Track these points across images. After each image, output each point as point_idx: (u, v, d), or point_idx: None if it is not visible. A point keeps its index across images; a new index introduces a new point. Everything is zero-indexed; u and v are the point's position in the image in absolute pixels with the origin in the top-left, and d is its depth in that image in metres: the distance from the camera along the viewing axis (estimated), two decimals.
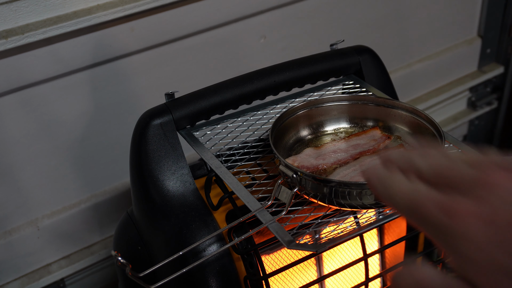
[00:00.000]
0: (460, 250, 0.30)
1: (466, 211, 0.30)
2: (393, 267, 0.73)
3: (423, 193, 0.32)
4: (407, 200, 0.33)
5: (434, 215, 0.31)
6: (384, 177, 0.35)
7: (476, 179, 0.31)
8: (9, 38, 0.82)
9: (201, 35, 1.03)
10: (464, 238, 0.30)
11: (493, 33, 1.52)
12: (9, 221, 0.99)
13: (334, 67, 0.83)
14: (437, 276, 0.31)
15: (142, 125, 0.72)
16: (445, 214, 0.31)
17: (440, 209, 0.31)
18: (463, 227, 0.30)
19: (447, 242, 0.31)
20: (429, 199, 0.32)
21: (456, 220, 0.30)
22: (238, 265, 0.68)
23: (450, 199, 0.31)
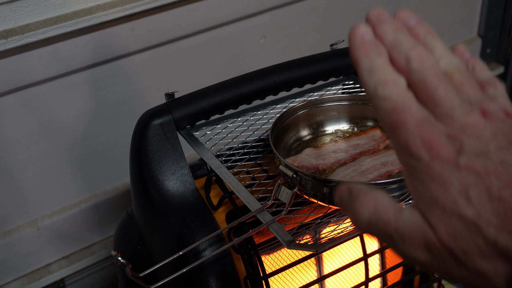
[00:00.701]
0: (424, 180, 0.31)
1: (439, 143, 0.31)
2: (393, 267, 0.73)
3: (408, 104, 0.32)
4: (390, 105, 0.32)
5: (410, 132, 0.32)
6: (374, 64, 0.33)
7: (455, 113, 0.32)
8: (9, 38, 0.82)
9: (201, 35, 1.03)
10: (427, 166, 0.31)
11: (493, 33, 1.52)
12: (9, 221, 0.99)
13: (334, 67, 0.83)
14: (397, 210, 0.33)
15: (142, 125, 0.72)
16: (420, 138, 0.31)
17: (417, 129, 0.31)
18: (430, 156, 0.31)
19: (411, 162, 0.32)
20: (412, 114, 0.32)
21: (427, 148, 0.31)
22: (238, 265, 0.68)
23: (429, 124, 0.31)
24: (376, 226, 0.33)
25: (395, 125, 0.32)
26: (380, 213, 0.33)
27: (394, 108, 0.32)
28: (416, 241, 0.32)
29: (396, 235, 0.32)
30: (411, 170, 0.32)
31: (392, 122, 0.32)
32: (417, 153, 0.31)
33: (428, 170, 0.31)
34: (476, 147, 0.31)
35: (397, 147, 0.33)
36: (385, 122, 0.33)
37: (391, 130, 0.33)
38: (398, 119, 0.32)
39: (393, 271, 0.86)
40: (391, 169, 0.66)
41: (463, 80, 0.33)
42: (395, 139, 0.32)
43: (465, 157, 0.31)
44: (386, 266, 0.85)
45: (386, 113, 0.32)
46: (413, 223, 0.32)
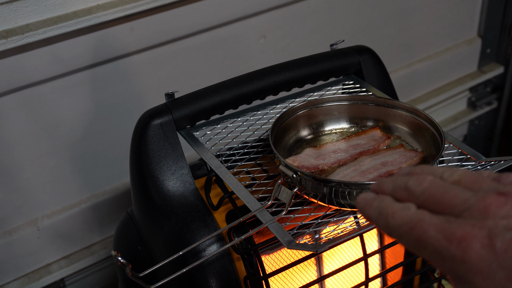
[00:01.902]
0: (465, 277, 0.30)
1: (464, 234, 0.30)
2: (393, 267, 0.73)
3: (422, 218, 0.33)
4: (407, 227, 0.33)
5: (434, 239, 0.31)
6: (380, 207, 0.35)
7: (471, 204, 0.32)
8: (9, 38, 0.82)
9: (201, 35, 1.04)
10: (464, 262, 0.30)
11: (493, 33, 1.52)
12: (9, 221, 0.99)
13: (334, 67, 0.83)
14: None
15: (142, 125, 0.72)
16: (445, 238, 0.31)
17: (439, 233, 0.31)
18: (463, 251, 0.30)
19: (448, 266, 0.31)
20: (428, 223, 0.32)
21: (456, 244, 0.31)
22: (238, 265, 0.68)
23: (448, 223, 0.31)
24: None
25: (419, 241, 0.32)
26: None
27: (411, 227, 0.32)
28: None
29: None
30: (452, 275, 0.31)
31: (415, 240, 0.32)
32: (448, 253, 0.31)
33: (466, 266, 0.30)
34: (505, 225, 0.30)
35: (431, 260, 0.32)
36: (411, 247, 0.33)
37: (418, 249, 0.33)
38: (418, 234, 0.32)
39: (393, 271, 0.86)
40: (391, 169, 0.66)
41: (473, 179, 0.34)
42: (426, 254, 0.32)
43: (498, 239, 0.30)
44: (386, 266, 0.85)
45: (406, 236, 0.33)
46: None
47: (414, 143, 0.72)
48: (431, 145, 0.69)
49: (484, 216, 0.31)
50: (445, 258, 0.31)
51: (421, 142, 0.71)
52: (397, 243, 0.72)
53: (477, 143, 1.69)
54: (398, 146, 0.71)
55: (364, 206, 0.36)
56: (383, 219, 0.34)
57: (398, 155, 0.68)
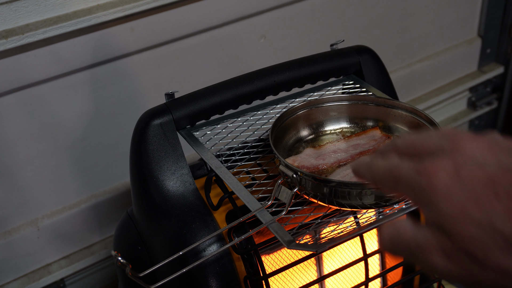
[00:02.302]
0: (431, 202, 0.34)
1: (434, 167, 0.34)
2: (393, 267, 0.73)
3: (398, 162, 0.37)
4: (386, 172, 0.37)
5: (407, 175, 0.35)
6: (367, 162, 0.40)
7: (443, 144, 0.36)
8: (9, 38, 0.82)
9: (201, 35, 1.04)
10: (430, 189, 0.34)
11: (493, 33, 1.52)
12: (9, 221, 0.99)
13: (334, 67, 0.83)
14: (414, 227, 0.36)
15: (142, 125, 0.72)
16: (416, 173, 0.35)
17: (411, 169, 0.35)
18: (431, 181, 0.34)
19: (419, 197, 0.35)
20: (403, 166, 0.36)
21: (425, 176, 0.34)
22: (238, 265, 0.68)
23: (422, 162, 0.35)
24: (398, 244, 0.36)
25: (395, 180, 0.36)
26: (400, 233, 0.36)
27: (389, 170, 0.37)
28: (434, 249, 0.34)
29: (415, 247, 0.35)
30: (421, 203, 0.35)
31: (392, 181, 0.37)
32: (418, 183, 0.34)
33: (432, 192, 0.33)
34: (473, 159, 0.33)
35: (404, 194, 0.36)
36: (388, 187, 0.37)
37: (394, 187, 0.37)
38: (394, 174, 0.36)
39: (393, 271, 0.86)
40: None
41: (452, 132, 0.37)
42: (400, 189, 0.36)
43: (464, 169, 0.33)
44: (386, 266, 0.85)
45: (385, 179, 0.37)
46: (429, 235, 0.34)
47: None
48: None
49: (454, 151, 0.34)
50: (415, 189, 0.35)
51: None
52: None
53: None
54: None
55: (357, 166, 0.41)
56: (369, 171, 0.39)
57: None
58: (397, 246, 0.36)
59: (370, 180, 0.39)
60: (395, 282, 0.82)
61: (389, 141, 0.40)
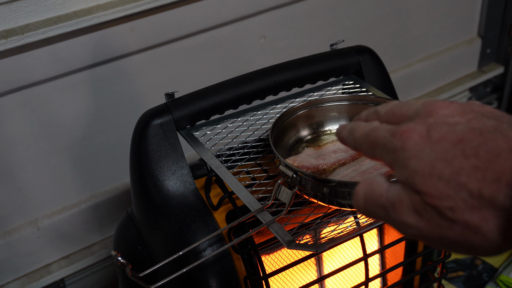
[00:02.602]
0: (402, 161, 0.35)
1: (407, 129, 0.35)
2: (393, 267, 0.73)
3: (376, 126, 0.38)
4: (364, 135, 0.39)
5: (383, 138, 0.37)
6: (350, 127, 0.41)
7: (419, 109, 0.37)
8: (9, 38, 0.82)
9: (201, 35, 1.04)
10: (403, 149, 0.35)
11: (493, 33, 1.52)
12: (9, 221, 0.99)
13: (334, 67, 0.83)
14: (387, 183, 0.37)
15: (142, 125, 0.72)
16: (390, 135, 0.36)
17: (387, 132, 0.37)
18: (403, 141, 0.35)
19: (392, 158, 0.36)
20: (380, 128, 0.38)
21: (399, 137, 0.35)
22: (238, 265, 0.68)
23: (398, 125, 0.37)
24: (371, 199, 0.37)
25: (372, 143, 0.38)
26: (373, 188, 0.37)
27: (368, 134, 0.38)
28: (405, 206, 0.35)
29: (388, 204, 0.36)
30: (394, 163, 0.36)
31: (370, 144, 0.38)
32: (392, 145, 0.36)
33: (404, 151, 0.35)
34: (445, 122, 0.35)
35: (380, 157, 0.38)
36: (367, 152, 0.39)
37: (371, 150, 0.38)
38: (372, 138, 0.38)
39: (393, 271, 0.86)
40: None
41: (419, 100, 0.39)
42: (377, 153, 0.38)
43: (435, 131, 0.34)
44: (386, 266, 0.85)
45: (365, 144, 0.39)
46: (401, 191, 0.35)
47: None
48: None
49: (428, 116, 0.36)
50: (389, 150, 0.36)
51: None
52: (397, 243, 0.72)
53: None
54: None
55: (340, 129, 0.43)
56: (351, 135, 0.41)
57: None
58: (370, 203, 0.37)
59: (351, 144, 0.41)
60: (395, 282, 0.82)
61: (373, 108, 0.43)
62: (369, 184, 0.38)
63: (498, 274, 1.16)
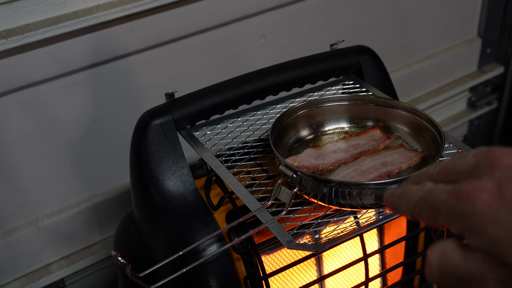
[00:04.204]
0: (476, 228, 0.30)
1: (472, 187, 0.31)
2: (393, 267, 0.73)
3: (432, 187, 0.34)
4: (421, 200, 0.34)
5: (445, 202, 0.32)
6: (400, 192, 0.37)
7: (478, 162, 0.33)
8: (9, 38, 0.82)
9: (201, 35, 1.04)
10: (474, 214, 0.30)
11: (493, 33, 1.52)
12: (9, 221, 0.99)
13: (334, 67, 0.83)
14: (464, 253, 0.32)
15: (142, 125, 0.72)
16: (454, 197, 0.32)
17: (449, 195, 0.32)
18: (472, 204, 0.31)
19: (462, 224, 0.31)
20: (438, 190, 0.33)
21: (465, 199, 0.31)
22: (238, 265, 0.68)
23: (459, 185, 0.32)
24: (447, 272, 0.32)
25: (433, 209, 0.33)
26: (448, 258, 0.32)
27: (426, 199, 0.34)
28: (492, 281, 0.30)
29: (469, 278, 0.31)
30: (466, 231, 0.31)
31: (430, 210, 0.33)
32: (459, 209, 0.31)
33: (475, 216, 0.30)
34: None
35: (446, 224, 0.33)
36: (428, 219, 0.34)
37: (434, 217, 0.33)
38: (431, 203, 0.33)
39: (393, 271, 0.86)
40: (391, 169, 0.66)
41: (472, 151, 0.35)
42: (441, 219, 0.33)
43: (507, 187, 0.30)
44: (386, 266, 0.85)
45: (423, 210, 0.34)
46: (483, 263, 0.31)
47: (414, 143, 0.72)
48: (431, 145, 0.69)
49: (491, 169, 0.32)
50: (457, 216, 0.31)
51: (421, 142, 0.71)
52: (397, 243, 0.72)
53: (477, 143, 1.69)
54: (398, 146, 0.71)
55: (388, 196, 0.38)
56: (404, 201, 0.36)
57: (398, 155, 0.68)
58: (446, 276, 0.32)
59: (405, 211, 0.36)
60: (395, 282, 0.82)
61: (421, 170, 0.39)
62: (442, 254, 0.33)
63: None
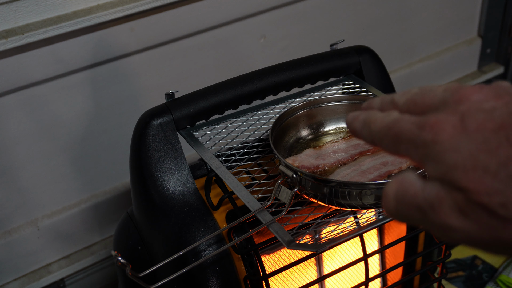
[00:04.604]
0: (436, 156, 0.30)
1: (437, 120, 0.31)
2: (393, 267, 0.73)
3: (398, 117, 0.34)
4: (384, 127, 0.34)
5: (409, 131, 0.32)
6: (364, 118, 0.36)
7: (446, 97, 0.32)
8: (9, 38, 0.82)
9: (201, 35, 1.04)
10: (435, 143, 0.31)
11: (493, 33, 1.52)
12: (9, 221, 0.99)
13: (334, 67, 0.83)
14: (422, 182, 0.32)
15: (142, 125, 0.72)
16: (417, 128, 0.32)
17: (413, 125, 0.32)
18: (434, 134, 0.31)
19: (423, 153, 0.31)
20: (403, 120, 0.33)
21: (429, 130, 0.31)
22: (238, 265, 0.68)
23: (424, 116, 0.32)
24: (404, 200, 0.32)
25: (396, 138, 0.33)
26: (406, 187, 0.32)
27: (390, 127, 0.34)
28: (448, 206, 0.30)
29: (426, 205, 0.31)
30: (425, 159, 0.31)
31: (393, 139, 0.33)
32: (421, 139, 0.31)
33: (437, 145, 0.30)
34: (479, 108, 0.30)
35: (406, 153, 0.33)
36: (389, 147, 0.34)
37: (395, 146, 0.33)
38: (395, 132, 0.33)
39: (393, 271, 0.86)
40: (391, 169, 0.66)
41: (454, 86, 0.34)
42: (402, 149, 0.33)
43: (470, 119, 0.30)
44: (386, 266, 0.85)
45: (386, 138, 0.34)
46: (440, 189, 0.30)
47: None
48: None
49: (458, 103, 0.31)
50: (418, 145, 0.31)
51: None
52: (397, 243, 0.72)
53: None
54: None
55: (351, 120, 0.37)
56: (367, 127, 0.36)
57: None
58: (403, 205, 0.32)
59: (367, 137, 0.36)
60: (395, 282, 0.82)
61: (386, 95, 0.38)
62: (401, 183, 0.32)
63: (498, 274, 1.16)
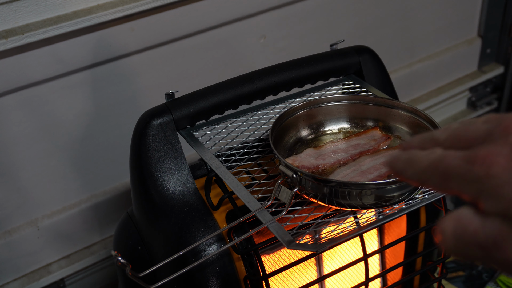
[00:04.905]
0: (492, 191, 0.30)
1: (486, 153, 0.30)
2: (393, 267, 0.73)
3: (444, 154, 0.33)
4: (431, 166, 0.33)
5: (458, 168, 0.31)
6: (406, 157, 0.35)
7: (491, 129, 0.32)
8: (9, 38, 0.82)
9: (201, 35, 1.04)
10: (489, 177, 0.30)
11: (493, 33, 1.52)
12: (9, 221, 0.99)
13: (334, 67, 0.83)
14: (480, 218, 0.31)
15: (142, 125, 0.72)
16: (467, 163, 0.31)
17: (461, 160, 0.31)
18: (487, 167, 0.30)
19: (476, 189, 0.30)
20: (450, 156, 0.32)
21: (480, 164, 0.30)
22: (238, 265, 0.68)
23: (472, 151, 0.31)
24: (464, 239, 0.31)
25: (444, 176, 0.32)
26: (464, 224, 0.31)
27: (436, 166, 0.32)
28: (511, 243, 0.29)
29: (488, 243, 0.30)
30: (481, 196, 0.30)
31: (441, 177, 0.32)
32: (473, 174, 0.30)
33: (491, 179, 0.30)
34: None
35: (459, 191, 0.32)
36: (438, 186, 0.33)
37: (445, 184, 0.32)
38: (443, 169, 0.32)
39: (393, 271, 0.86)
40: None
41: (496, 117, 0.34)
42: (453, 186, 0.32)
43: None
44: (386, 266, 0.85)
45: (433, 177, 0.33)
46: (503, 226, 0.30)
47: None
48: None
49: (506, 134, 0.31)
50: (471, 181, 0.30)
51: None
52: (397, 243, 0.72)
53: None
54: (398, 146, 0.71)
55: (392, 161, 0.36)
56: (411, 167, 0.34)
57: None
58: (463, 243, 0.31)
59: (413, 178, 0.35)
60: (395, 282, 0.82)
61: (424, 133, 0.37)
62: (458, 221, 0.31)
63: (498, 274, 1.16)
